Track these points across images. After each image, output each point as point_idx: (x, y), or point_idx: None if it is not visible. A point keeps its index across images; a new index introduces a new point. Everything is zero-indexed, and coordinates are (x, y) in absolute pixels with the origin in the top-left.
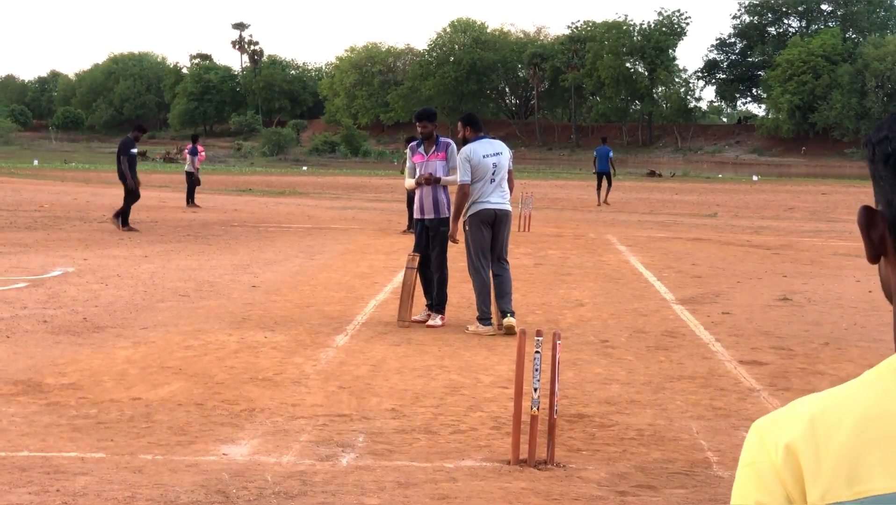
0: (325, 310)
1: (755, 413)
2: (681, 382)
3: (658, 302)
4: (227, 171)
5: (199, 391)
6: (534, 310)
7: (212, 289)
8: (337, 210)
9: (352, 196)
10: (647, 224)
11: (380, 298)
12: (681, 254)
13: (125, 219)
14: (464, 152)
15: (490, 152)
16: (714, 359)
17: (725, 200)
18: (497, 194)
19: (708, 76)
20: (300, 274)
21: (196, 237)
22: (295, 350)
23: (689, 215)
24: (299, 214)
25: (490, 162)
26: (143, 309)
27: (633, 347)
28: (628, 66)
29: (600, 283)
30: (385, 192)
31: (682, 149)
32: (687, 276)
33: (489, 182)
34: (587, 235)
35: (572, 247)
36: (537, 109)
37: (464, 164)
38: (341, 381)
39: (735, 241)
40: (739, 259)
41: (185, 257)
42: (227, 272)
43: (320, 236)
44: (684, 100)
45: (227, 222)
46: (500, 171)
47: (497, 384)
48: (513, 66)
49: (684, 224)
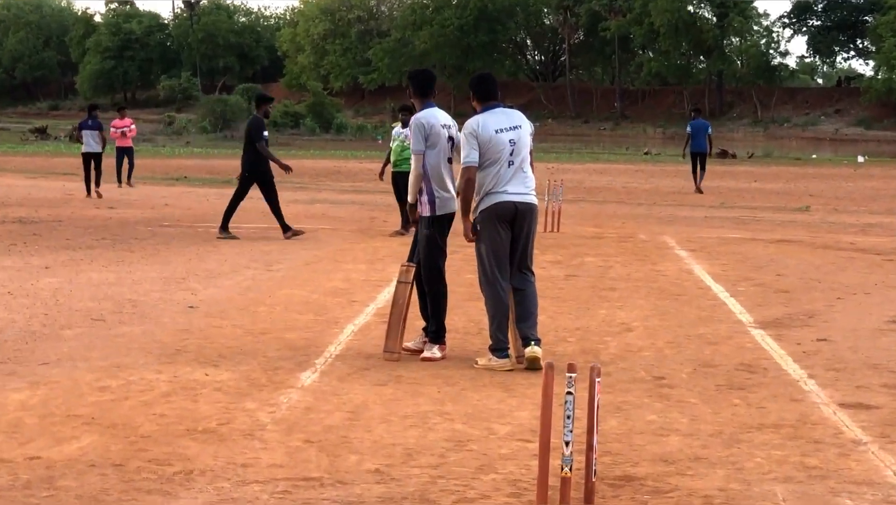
0: (286, 338)
1: (861, 474)
2: (762, 432)
3: (731, 326)
4: (154, 153)
5: (119, 448)
6: (565, 337)
7: (135, 310)
8: (302, 204)
9: (322, 185)
10: (716, 221)
11: (360, 322)
12: (762, 261)
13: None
14: (469, 126)
15: (505, 126)
16: (806, 401)
17: (821, 189)
18: (518, 182)
19: (797, 23)
20: (253, 290)
21: (114, 241)
22: (246, 392)
23: (773, 209)
24: (252, 210)
25: (505, 138)
26: (43, 338)
27: (699, 385)
28: (691, 10)
29: (654, 300)
30: (366, 179)
31: (763, 120)
32: (770, 290)
33: (506, 165)
34: (636, 237)
35: (616, 252)
36: (569, 69)
37: (468, 142)
38: (308, 433)
39: (834, 243)
40: (840, 268)
41: (100, 268)
42: (156, 288)
43: (279, 240)
44: (766, 55)
45: (154, 221)
46: (520, 151)
47: (516, 436)
48: (536, 10)
49: (766, 221)
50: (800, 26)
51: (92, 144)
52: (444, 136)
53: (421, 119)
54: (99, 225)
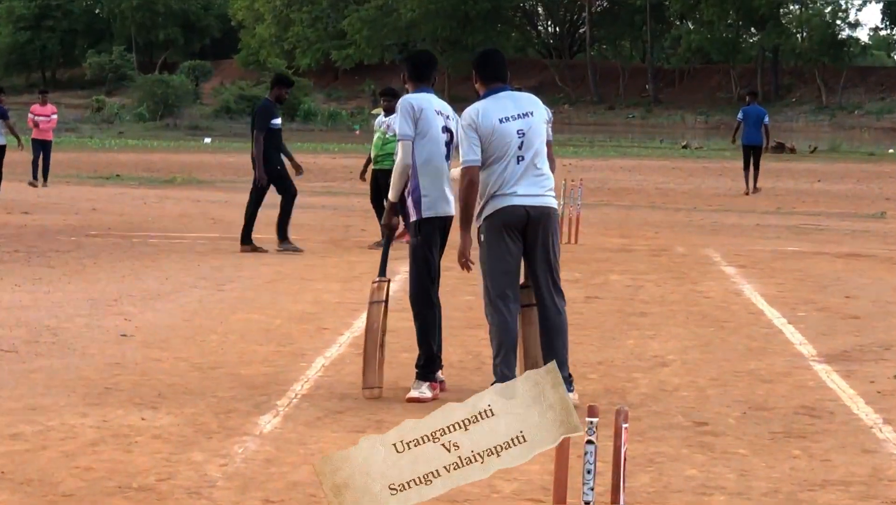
0: (241, 374)
1: None
2: (827, 490)
3: (789, 359)
4: (79, 146)
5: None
6: (585, 373)
7: (55, 340)
8: (261, 209)
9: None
10: (770, 231)
11: (331, 355)
12: (827, 280)
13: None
14: (467, 116)
15: (512, 114)
16: (881, 452)
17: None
18: (529, 181)
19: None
20: (201, 315)
21: (29, 255)
22: (192, 441)
23: (840, 216)
24: (199, 217)
25: (512, 129)
26: None
27: (749, 433)
28: None
29: (694, 328)
30: (340, 178)
31: (829, 107)
32: (837, 316)
33: (514, 161)
34: (673, 249)
35: (648, 269)
36: (590, 43)
37: (467, 136)
38: (268, 491)
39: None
40: None
41: (12, 288)
42: (81, 312)
43: (233, 253)
44: (831, 27)
45: (79, 230)
46: (531, 144)
47: (524, 496)
48: None
49: (832, 231)
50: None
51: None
52: (439, 124)
53: (409, 99)
54: (11, 234)
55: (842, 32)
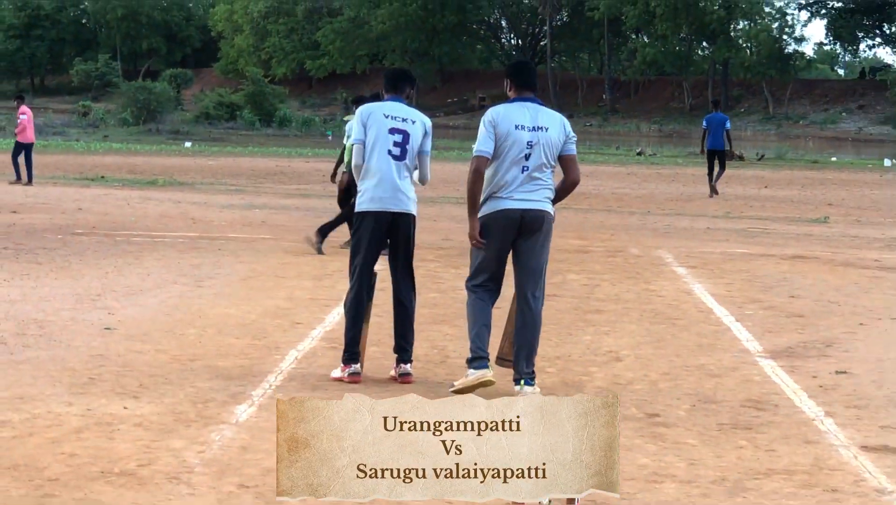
0: (219, 366)
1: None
2: (771, 479)
3: (736, 355)
4: (66, 149)
5: (21, 493)
6: (544, 367)
7: (42, 332)
8: (238, 210)
9: (261, 188)
10: (720, 234)
11: (304, 348)
12: (773, 280)
13: (327, 230)
14: (489, 113)
15: (529, 124)
16: (822, 443)
17: (841, 198)
18: (528, 188)
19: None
20: (180, 310)
21: (18, 252)
22: (171, 428)
23: (786, 220)
24: (179, 217)
25: (524, 138)
26: None
27: (699, 424)
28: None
29: (647, 325)
30: (313, 181)
31: (776, 117)
32: (782, 314)
33: (517, 167)
34: (627, 251)
35: (604, 269)
36: (551, 56)
37: (485, 129)
38: (243, 476)
39: (856, 260)
40: (863, 289)
41: (1, 284)
42: (66, 307)
43: (212, 251)
44: (778, 42)
45: (65, 228)
46: (538, 156)
47: None
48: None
49: (778, 234)
50: (818, 9)
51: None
52: (385, 125)
53: (363, 107)
54: (0, 232)
55: (788, 47)
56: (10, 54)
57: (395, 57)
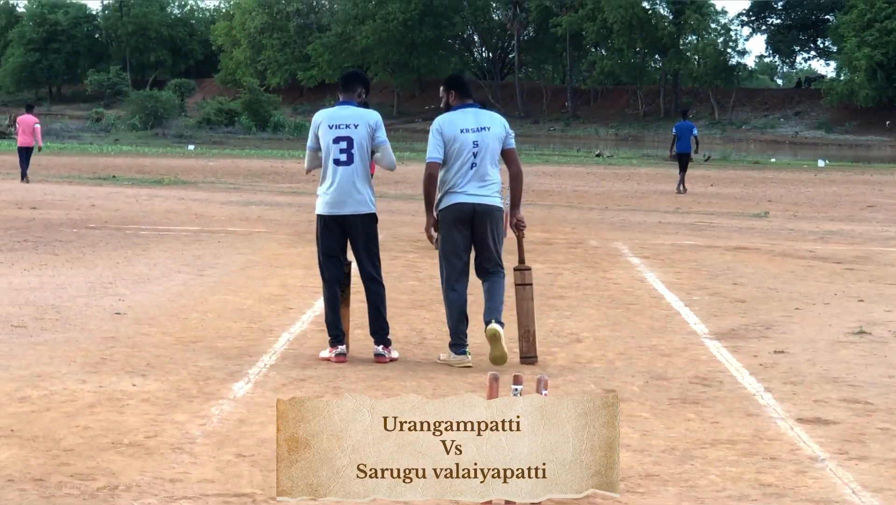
0: (218, 347)
1: (819, 491)
2: (716, 448)
3: (685, 337)
4: (81, 151)
5: (39, 462)
6: (511, 347)
7: (58, 317)
8: (236, 206)
9: (257, 187)
10: (670, 227)
11: (296, 331)
12: (717, 269)
13: None
14: (436, 123)
15: (472, 126)
16: (762, 416)
17: (780, 195)
18: (477, 183)
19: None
20: (184, 296)
21: (36, 244)
22: (175, 403)
23: (730, 215)
24: (183, 212)
25: (469, 140)
26: None
27: (650, 399)
28: (646, 7)
29: (605, 309)
30: (304, 181)
31: (721, 122)
32: (726, 300)
33: (467, 165)
34: (587, 243)
35: (566, 259)
36: (518, 67)
37: (434, 138)
38: (240, 446)
39: (793, 251)
40: (798, 277)
41: (21, 273)
42: (81, 294)
43: (213, 244)
44: (723, 54)
45: (80, 223)
46: (484, 154)
47: None
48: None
49: (723, 227)
50: (759, 25)
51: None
52: (331, 136)
53: (314, 117)
54: (21, 226)
55: (732, 59)
56: (30, 66)
57: (377, 68)
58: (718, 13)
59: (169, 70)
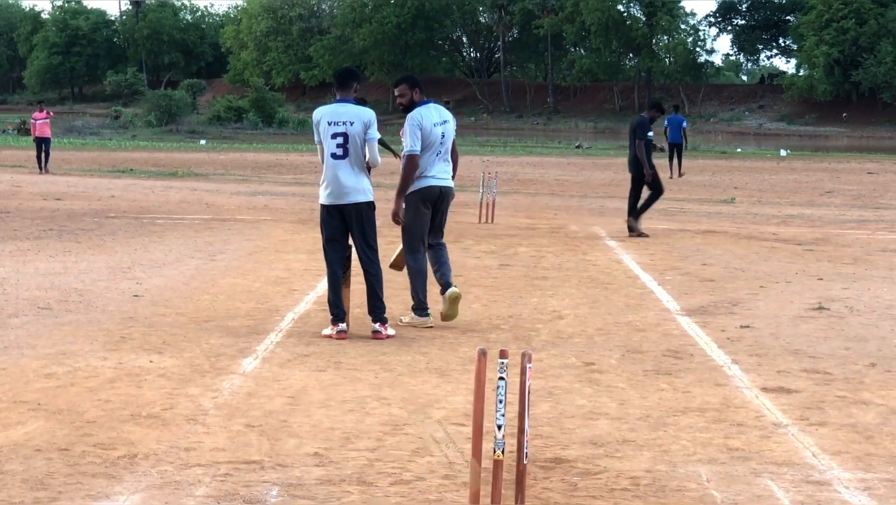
0: (228, 326)
1: (782, 455)
2: (687, 415)
3: (658, 313)
4: (101, 146)
5: (64, 433)
6: (498, 324)
7: (81, 299)
8: (244, 196)
9: (264, 178)
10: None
11: (300, 311)
12: (688, 251)
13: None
14: (414, 119)
15: (437, 120)
16: (729, 386)
17: (745, 182)
18: (441, 168)
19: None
20: (196, 279)
21: (61, 232)
22: (189, 378)
23: (699, 201)
24: (195, 202)
25: (438, 131)
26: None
27: (627, 371)
28: (620, 10)
29: (584, 289)
30: (307, 172)
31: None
32: (696, 279)
33: (435, 154)
34: (567, 228)
35: (549, 242)
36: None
37: (414, 132)
38: (249, 417)
39: (757, 234)
40: (763, 257)
41: (47, 258)
42: (102, 277)
43: (223, 231)
44: (692, 53)
45: (101, 213)
46: (446, 143)
47: (450, 421)
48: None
49: (692, 213)
50: (725, 25)
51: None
52: (329, 132)
53: (315, 113)
54: (46, 216)
55: (700, 57)
56: (54, 68)
57: (374, 68)
58: (688, 15)
59: (182, 71)
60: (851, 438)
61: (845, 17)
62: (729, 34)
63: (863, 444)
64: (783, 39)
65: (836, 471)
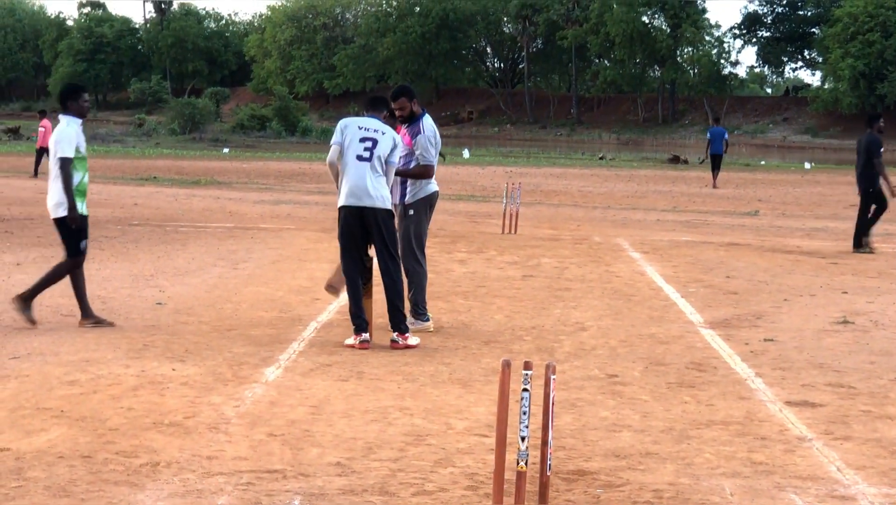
0: (251, 334)
1: (806, 469)
2: (711, 428)
3: (682, 326)
4: (124, 154)
5: (87, 440)
6: (521, 335)
7: (104, 307)
8: (267, 205)
9: (287, 187)
10: (668, 225)
11: (322, 320)
12: (712, 263)
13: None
14: (432, 129)
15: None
16: (753, 399)
17: (770, 195)
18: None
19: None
20: (219, 288)
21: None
22: (212, 387)
23: (723, 213)
24: (218, 211)
25: (440, 141)
26: (14, 333)
27: (650, 383)
28: (645, 21)
29: (607, 300)
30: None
31: None
32: (720, 292)
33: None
34: (591, 239)
35: (572, 254)
36: (528, 76)
37: (435, 144)
38: (272, 426)
39: (781, 247)
40: (787, 270)
41: None
42: (125, 285)
43: (246, 239)
44: (717, 65)
45: (124, 221)
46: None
47: (473, 431)
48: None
49: (716, 225)
50: (750, 37)
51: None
52: (358, 135)
53: (344, 119)
54: None
55: (724, 69)
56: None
57: (398, 77)
58: (712, 27)
59: (205, 79)
60: (876, 452)
61: (871, 29)
62: (754, 46)
63: (888, 459)
64: (808, 52)
65: (861, 486)
